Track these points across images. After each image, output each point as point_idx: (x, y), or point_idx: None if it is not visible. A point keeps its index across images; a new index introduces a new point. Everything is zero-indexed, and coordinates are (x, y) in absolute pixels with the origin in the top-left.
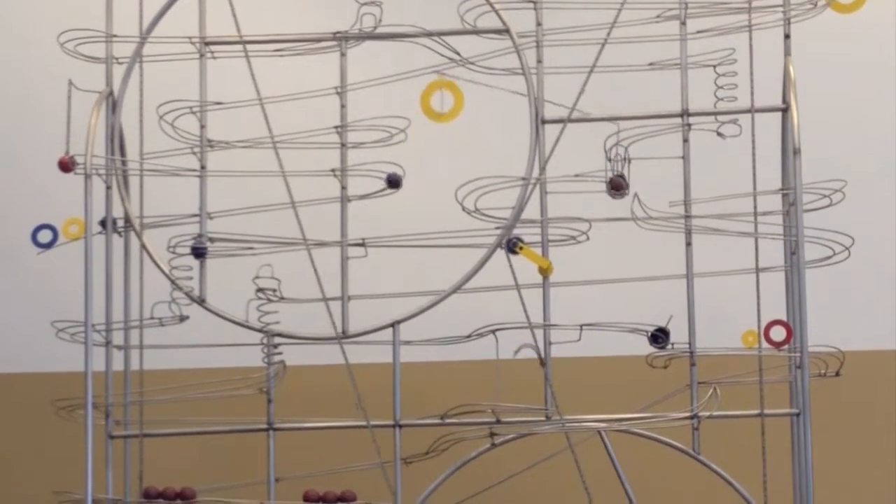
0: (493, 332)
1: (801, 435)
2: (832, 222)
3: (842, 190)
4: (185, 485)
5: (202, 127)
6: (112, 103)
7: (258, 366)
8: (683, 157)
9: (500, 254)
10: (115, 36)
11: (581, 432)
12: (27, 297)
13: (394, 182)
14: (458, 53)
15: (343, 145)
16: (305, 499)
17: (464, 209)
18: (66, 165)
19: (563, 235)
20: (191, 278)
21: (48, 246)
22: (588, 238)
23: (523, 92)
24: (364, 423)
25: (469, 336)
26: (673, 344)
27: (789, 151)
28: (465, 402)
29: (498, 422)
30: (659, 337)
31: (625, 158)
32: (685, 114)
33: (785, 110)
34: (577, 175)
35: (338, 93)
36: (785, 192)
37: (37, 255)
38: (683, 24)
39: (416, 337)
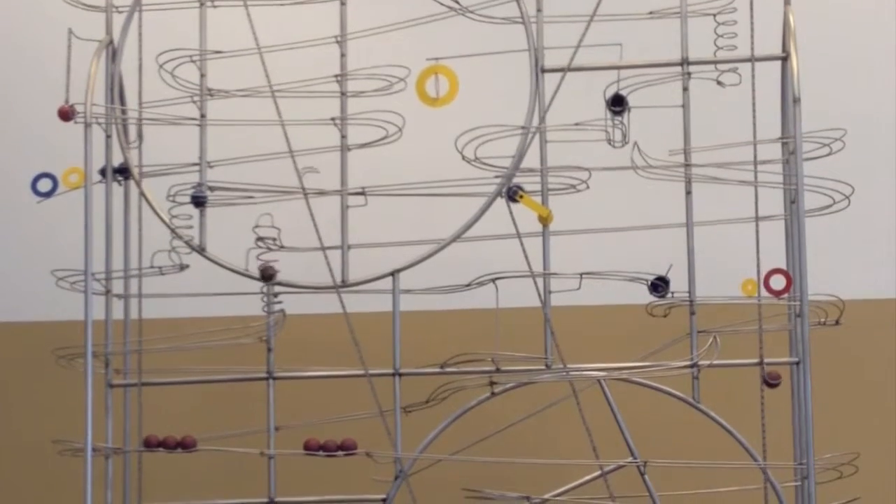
0: (493, 280)
1: (800, 383)
2: (832, 171)
3: (841, 139)
4: (184, 434)
5: (202, 76)
6: (112, 52)
7: (258, 315)
8: (683, 106)
9: (501, 203)
10: None
11: (581, 381)
12: (27, 247)
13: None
14: (458, 2)
15: (343, 94)
16: (306, 447)
17: (464, 158)
18: (66, 114)
19: (563, 184)
20: (191, 227)
21: (48, 195)
22: (588, 187)
23: (523, 40)
24: (364, 372)
25: (469, 285)
26: (673, 293)
27: (789, 100)
28: (465, 351)
29: (498, 370)
30: (659, 285)
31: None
32: (685, 62)
33: (785, 59)
34: (576, 124)
35: (337, 41)
36: (785, 140)
37: (36, 203)
38: None
39: (416, 286)
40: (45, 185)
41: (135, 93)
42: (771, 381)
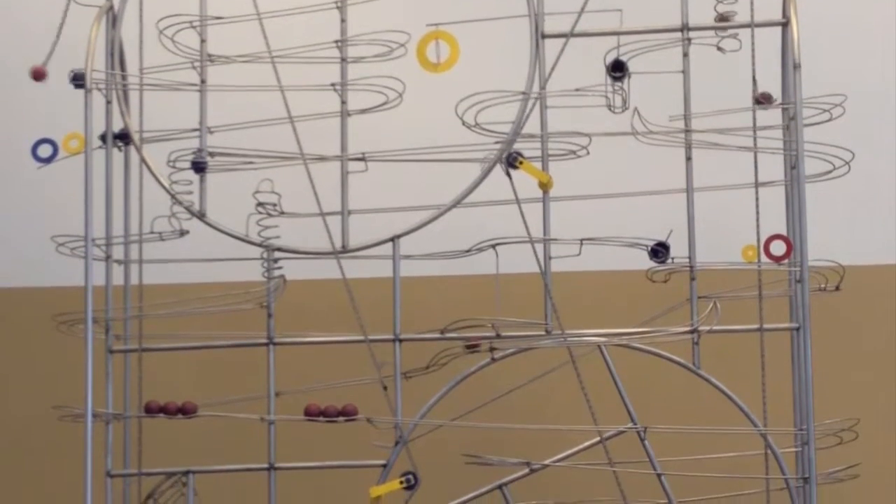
0: (493, 246)
1: (800, 349)
2: (832, 137)
3: (842, 104)
4: (185, 400)
5: (202, 41)
6: (112, 18)
7: (258, 280)
8: (683, 72)
9: (500, 169)
10: None
11: (581, 347)
12: (27, 213)
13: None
14: None
15: (343, 60)
16: (307, 413)
17: (464, 124)
18: (38, 74)
19: (563, 150)
20: (191, 193)
21: (48, 160)
22: (588, 153)
23: (523, 6)
24: (364, 338)
25: (469, 250)
26: (673, 258)
27: (789, 66)
28: (465, 317)
29: (498, 336)
30: (659, 251)
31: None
32: (685, 28)
33: (785, 24)
34: (577, 90)
35: (338, 7)
36: (785, 106)
37: (37, 169)
38: None
39: (416, 251)
40: (45, 150)
41: (135, 59)
42: (761, 100)
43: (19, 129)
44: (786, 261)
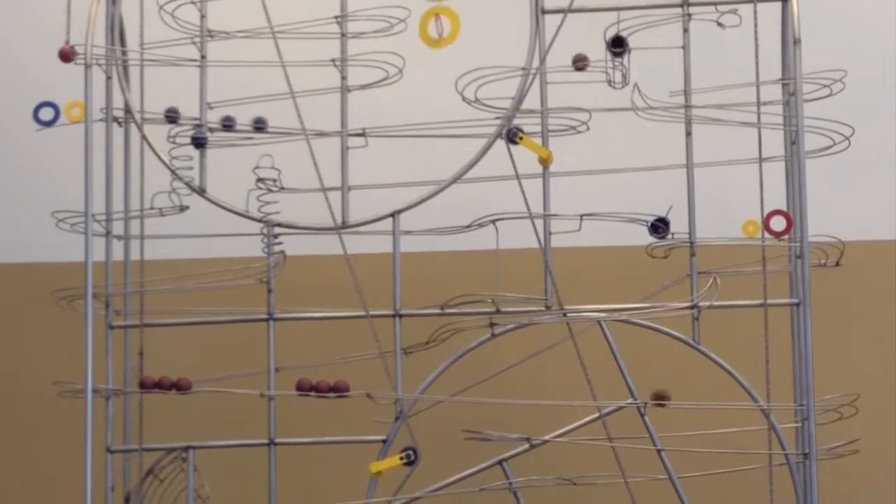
0: (493, 221)
1: (800, 325)
2: (832, 112)
3: (842, 80)
4: (184, 375)
5: (202, 17)
6: None
7: (258, 256)
8: (684, 48)
9: (501, 144)
10: None
11: (581, 322)
12: (27, 188)
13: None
14: None
15: (343, 35)
16: (298, 387)
17: (464, 99)
18: (66, 55)
19: (564, 126)
20: (191, 168)
21: (49, 124)
22: (588, 128)
23: None
24: (364, 313)
25: (469, 226)
26: (673, 234)
27: (789, 41)
28: (465, 293)
29: (498, 312)
30: (659, 227)
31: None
32: (685, 3)
33: (785, 0)
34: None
35: None
36: (785, 82)
37: (36, 131)
38: None
39: (416, 227)
40: (46, 114)
41: (135, 34)
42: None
43: (19, 105)
44: (786, 236)
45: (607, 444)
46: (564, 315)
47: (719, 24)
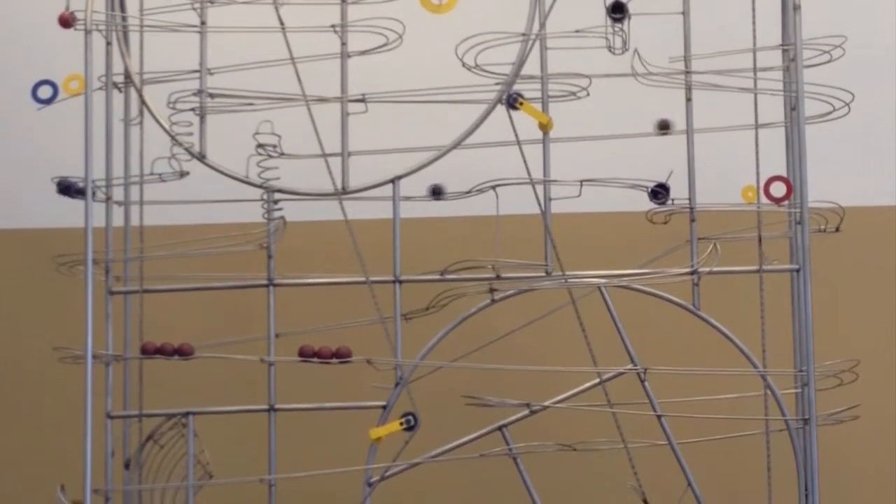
0: (493, 187)
1: (800, 291)
2: (832, 78)
3: (842, 46)
4: (185, 342)
5: None
6: None
7: (259, 221)
8: (683, 13)
9: (501, 110)
10: None
11: (581, 288)
12: (27, 154)
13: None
14: None
15: (343, 1)
16: (301, 353)
17: (464, 65)
18: (66, 21)
19: (564, 91)
20: (191, 134)
21: (48, 102)
22: (588, 94)
23: None
24: (364, 279)
25: (469, 192)
26: (673, 199)
27: (789, 7)
28: (465, 258)
29: (498, 277)
30: (659, 192)
31: None
32: None
33: None
34: (577, 31)
35: None
36: (785, 47)
37: (37, 110)
38: None
39: (417, 193)
40: (45, 91)
41: (135, 1)
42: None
43: (18, 73)
44: (786, 202)
45: (607, 409)
46: (565, 280)
47: None
